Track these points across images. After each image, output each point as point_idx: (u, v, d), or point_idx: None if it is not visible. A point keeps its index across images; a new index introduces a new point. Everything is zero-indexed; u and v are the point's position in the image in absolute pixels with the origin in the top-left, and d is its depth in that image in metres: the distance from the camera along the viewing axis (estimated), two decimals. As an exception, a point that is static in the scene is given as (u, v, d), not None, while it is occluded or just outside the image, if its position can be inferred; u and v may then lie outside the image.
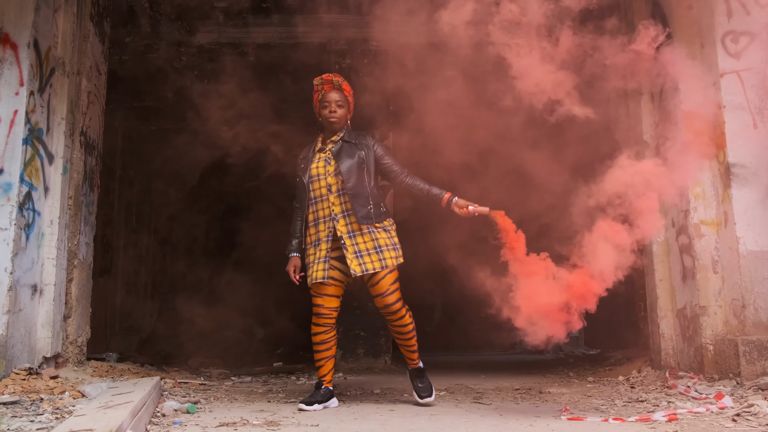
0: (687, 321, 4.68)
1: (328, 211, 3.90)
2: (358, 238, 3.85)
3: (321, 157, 3.99)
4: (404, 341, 4.00)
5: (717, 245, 4.51)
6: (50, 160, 4.67)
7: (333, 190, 3.90)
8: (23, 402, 3.59)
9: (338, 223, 3.86)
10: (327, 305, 3.88)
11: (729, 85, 4.45)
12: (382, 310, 3.91)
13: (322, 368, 3.93)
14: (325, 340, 3.91)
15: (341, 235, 3.84)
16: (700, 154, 4.49)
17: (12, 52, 4.36)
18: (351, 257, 3.81)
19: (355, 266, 3.79)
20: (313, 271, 3.88)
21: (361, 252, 3.82)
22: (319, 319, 3.90)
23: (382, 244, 3.87)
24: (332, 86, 4.03)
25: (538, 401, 4.16)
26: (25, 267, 4.32)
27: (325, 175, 3.92)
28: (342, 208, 3.88)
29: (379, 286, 3.84)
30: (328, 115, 3.98)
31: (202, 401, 4.03)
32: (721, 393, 3.69)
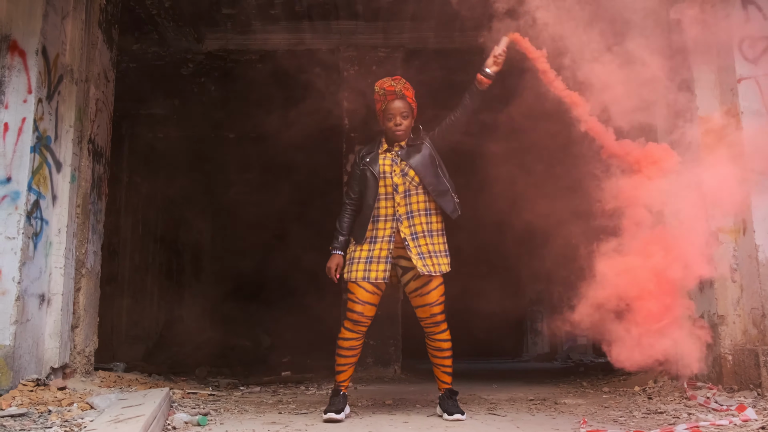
0: (705, 330, 4.59)
1: (392, 210, 3.81)
2: (421, 240, 3.78)
3: (388, 156, 3.90)
4: (440, 359, 3.90)
5: (735, 253, 4.44)
6: (58, 168, 4.62)
7: (399, 191, 3.82)
8: (31, 414, 3.53)
9: (401, 224, 3.78)
10: (367, 313, 3.78)
11: (746, 90, 4.38)
12: (427, 320, 3.83)
13: (344, 374, 3.83)
14: (354, 347, 3.82)
15: (404, 236, 3.77)
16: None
17: (20, 59, 4.32)
18: (416, 258, 3.73)
19: (421, 266, 3.72)
20: (371, 270, 3.77)
21: (424, 254, 3.75)
22: (355, 325, 3.79)
23: (438, 250, 3.81)
24: (395, 96, 3.85)
25: (554, 412, 4.08)
26: (32, 276, 4.27)
27: (391, 174, 3.83)
28: (406, 210, 3.81)
29: (429, 295, 3.78)
30: (394, 128, 3.86)
31: (212, 413, 3.97)
32: (743, 404, 3.61)
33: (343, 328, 3.83)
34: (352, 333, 3.79)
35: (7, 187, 4.17)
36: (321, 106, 7.83)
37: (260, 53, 7.59)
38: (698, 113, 4.59)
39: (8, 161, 4.20)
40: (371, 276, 3.75)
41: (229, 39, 7.48)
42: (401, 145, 3.90)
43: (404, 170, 3.83)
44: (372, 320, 3.84)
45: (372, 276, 3.75)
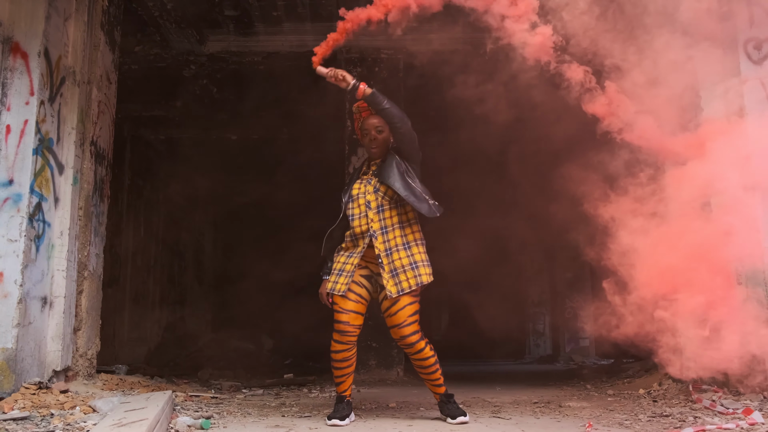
0: (710, 333, 4.57)
1: (366, 227, 3.79)
2: (394, 255, 3.74)
3: (363, 178, 3.90)
4: (427, 375, 3.83)
5: (741, 255, 4.40)
6: (60, 170, 4.61)
7: (372, 207, 3.79)
8: (33, 417, 3.52)
9: (376, 240, 3.75)
10: (353, 323, 3.74)
11: (751, 92, 4.36)
12: (399, 342, 3.76)
13: (343, 384, 3.81)
14: (347, 358, 3.77)
15: (378, 252, 3.74)
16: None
17: (22, 61, 4.30)
18: (387, 277, 3.70)
19: (391, 286, 3.68)
20: (337, 282, 3.79)
21: (397, 270, 3.71)
22: (343, 336, 3.73)
23: (417, 260, 3.76)
24: (369, 111, 3.86)
25: (558, 416, 4.06)
26: (35, 279, 4.26)
27: (364, 194, 3.82)
28: (380, 225, 3.77)
29: (396, 317, 3.69)
30: (369, 144, 3.87)
31: (215, 416, 3.94)
32: (750, 408, 3.59)
33: (332, 340, 3.77)
34: (341, 345, 3.74)
35: (9, 189, 4.15)
36: (324, 108, 7.82)
37: (263, 55, 7.58)
38: (703, 114, 4.56)
39: (10, 163, 4.18)
40: (336, 288, 3.76)
41: (231, 41, 7.47)
42: (377, 163, 3.91)
43: (376, 186, 3.80)
44: (360, 329, 3.78)
45: (337, 288, 3.75)
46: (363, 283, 3.81)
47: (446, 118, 7.76)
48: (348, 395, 3.81)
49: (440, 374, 3.84)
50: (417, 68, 8.00)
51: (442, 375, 3.86)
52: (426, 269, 3.77)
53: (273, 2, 6.82)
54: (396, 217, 3.79)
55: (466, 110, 6.46)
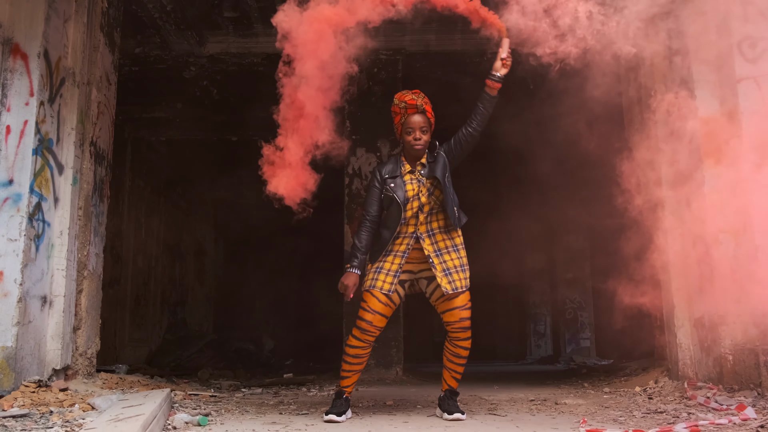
0: (705, 330, 4.60)
1: (413, 229, 3.82)
2: (445, 256, 3.80)
3: (412, 178, 3.86)
4: (457, 365, 3.88)
5: (735, 253, 4.42)
6: (60, 170, 4.64)
7: (424, 210, 3.81)
8: (33, 415, 3.55)
9: (424, 242, 3.80)
10: (376, 324, 3.76)
11: (746, 91, 4.38)
12: (455, 324, 3.78)
13: (348, 380, 3.84)
14: (361, 355, 3.80)
15: (428, 253, 3.78)
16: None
17: (22, 62, 4.34)
18: (441, 275, 3.74)
19: (446, 284, 3.73)
20: (379, 280, 3.78)
21: (449, 270, 3.77)
22: (364, 334, 3.76)
23: (464, 264, 3.83)
24: (416, 110, 3.81)
25: (554, 413, 4.08)
26: (34, 278, 4.29)
27: (418, 196, 3.81)
28: (427, 228, 3.82)
29: (459, 299, 3.76)
30: (414, 143, 3.83)
31: (213, 413, 3.98)
32: (743, 404, 3.61)
33: (351, 335, 3.81)
34: (359, 341, 3.77)
35: (9, 189, 4.19)
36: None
37: (262, 56, 7.61)
38: (698, 114, 4.59)
39: (10, 164, 4.22)
40: (377, 285, 3.76)
41: (230, 42, 7.51)
42: (422, 162, 3.88)
43: (430, 190, 3.82)
44: (381, 331, 3.81)
45: (378, 285, 3.76)
46: (398, 290, 3.83)
47: (443, 118, 7.79)
48: (349, 392, 3.83)
49: (464, 369, 3.91)
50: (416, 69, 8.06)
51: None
52: (468, 273, 3.84)
53: (272, 4, 6.84)
54: (442, 221, 3.86)
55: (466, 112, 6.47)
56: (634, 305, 7.52)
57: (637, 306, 7.18)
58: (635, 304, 7.36)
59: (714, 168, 4.51)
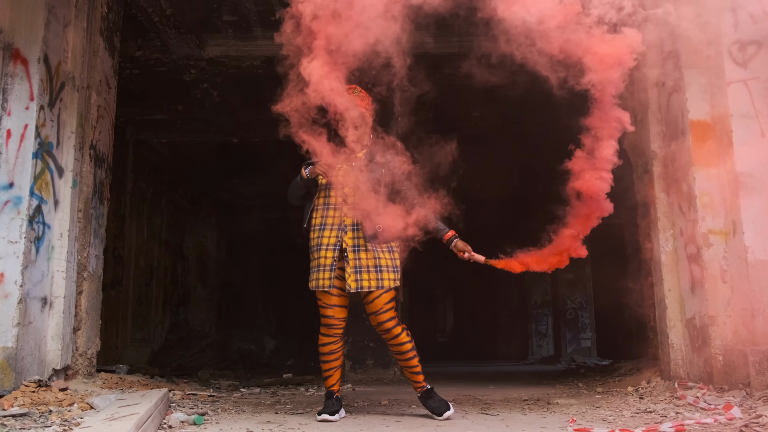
0: (696, 331, 4.65)
1: (338, 220, 3.85)
2: (362, 253, 3.81)
3: (344, 168, 3.91)
4: (404, 362, 3.94)
5: (726, 254, 4.48)
6: (60, 173, 4.72)
7: (348, 201, 3.84)
8: (32, 414, 3.61)
9: (346, 234, 3.82)
10: (337, 316, 3.86)
11: (736, 94, 4.43)
12: (377, 328, 3.88)
13: (331, 378, 3.91)
14: (334, 350, 3.89)
15: (346, 247, 3.81)
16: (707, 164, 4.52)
17: (23, 67, 4.41)
18: (350, 271, 3.78)
19: (351, 282, 3.77)
20: (318, 278, 3.84)
21: (361, 268, 3.78)
22: (329, 329, 3.87)
23: (383, 264, 3.83)
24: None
25: (545, 412, 4.14)
26: (35, 280, 4.36)
27: (343, 185, 3.87)
28: (353, 221, 3.83)
29: (373, 304, 3.82)
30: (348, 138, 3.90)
31: (210, 413, 4.04)
32: (730, 404, 3.65)
33: (320, 334, 3.92)
34: (328, 337, 3.89)
35: (9, 192, 4.26)
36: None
37: (261, 59, 7.66)
38: (689, 116, 4.64)
39: (11, 167, 4.29)
40: (320, 284, 3.82)
41: (230, 45, 7.56)
42: (359, 156, 3.95)
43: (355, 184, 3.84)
44: (346, 322, 3.90)
45: (320, 284, 3.82)
46: (342, 276, 3.85)
47: (438, 119, 7.85)
48: (336, 390, 3.91)
49: (418, 362, 3.91)
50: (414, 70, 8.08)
51: (421, 363, 3.96)
52: (392, 275, 3.85)
53: (270, 7, 6.91)
54: None
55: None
56: (631, 305, 7.57)
57: (634, 306, 7.24)
58: (632, 305, 7.41)
59: (704, 170, 4.57)
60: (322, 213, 3.90)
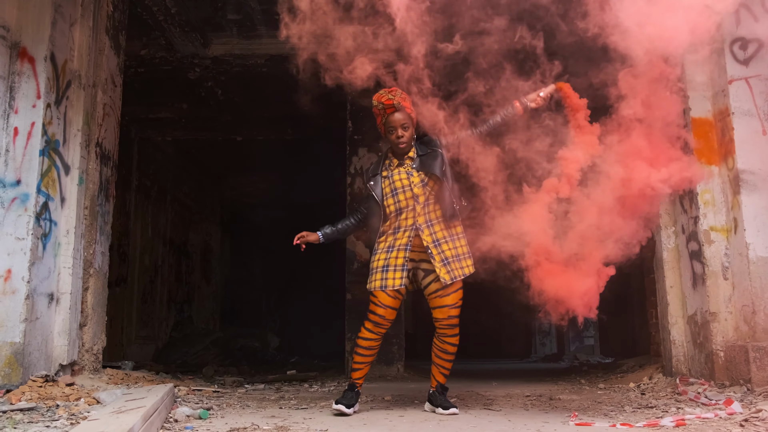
0: (698, 327, 4.68)
1: (411, 221, 3.93)
2: (443, 245, 3.90)
3: (402, 171, 3.99)
4: (443, 360, 4.02)
5: (727, 251, 4.51)
6: (66, 171, 4.76)
7: (420, 201, 3.93)
8: (40, 408, 3.66)
9: (423, 233, 3.90)
10: (388, 317, 3.92)
11: (737, 91, 4.46)
12: (443, 322, 3.94)
13: (360, 371, 3.99)
14: (373, 347, 3.98)
15: (427, 244, 3.88)
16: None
17: (29, 65, 4.46)
18: (439, 265, 3.85)
19: (444, 274, 3.84)
20: (388, 278, 3.89)
21: (448, 259, 3.88)
22: (377, 327, 3.93)
23: (460, 253, 3.93)
24: (394, 108, 3.92)
25: (547, 408, 4.17)
26: (42, 276, 4.41)
27: (410, 186, 3.93)
28: (425, 219, 3.92)
29: (450, 297, 3.90)
30: (396, 141, 3.96)
31: (215, 407, 4.08)
32: (731, 399, 3.68)
33: (363, 328, 3.97)
34: (372, 334, 3.94)
35: (17, 189, 4.31)
36: (326, 109, 7.94)
37: (265, 57, 7.70)
38: (691, 114, 4.67)
39: (18, 164, 4.34)
40: (388, 284, 3.88)
41: (234, 44, 7.60)
42: (411, 156, 4.00)
43: (424, 180, 3.93)
44: (392, 323, 3.99)
45: (389, 284, 3.87)
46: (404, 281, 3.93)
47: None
48: (360, 384, 3.98)
49: (452, 365, 4.05)
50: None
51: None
52: (469, 261, 3.95)
53: (274, 6, 6.94)
54: (439, 212, 3.95)
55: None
56: (634, 303, 7.58)
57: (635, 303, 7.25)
58: (634, 302, 7.43)
59: (706, 167, 4.59)
60: (394, 218, 3.97)
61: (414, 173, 3.95)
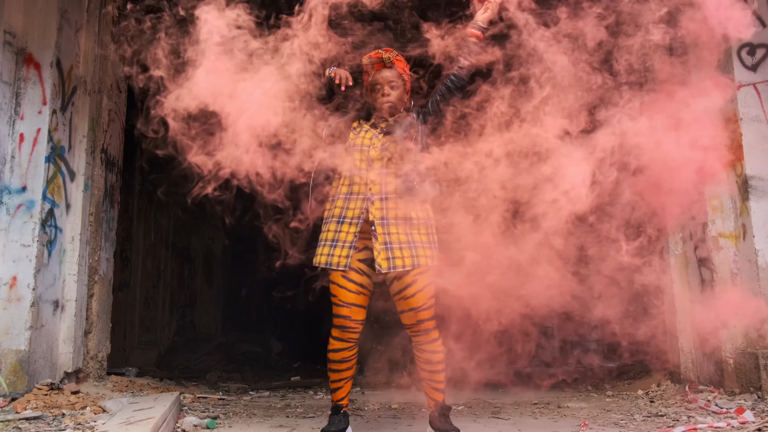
0: (706, 334, 4.64)
1: (364, 189, 3.24)
2: (392, 227, 3.20)
3: (369, 130, 3.34)
4: (430, 373, 3.30)
5: (736, 258, 4.49)
6: (72, 177, 4.74)
7: (375, 167, 3.24)
8: (45, 417, 3.64)
9: (373, 205, 3.22)
10: (354, 317, 3.21)
11: (745, 97, 4.44)
12: (413, 327, 3.24)
13: (341, 390, 3.29)
14: (347, 358, 3.25)
15: (373, 219, 3.20)
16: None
17: (35, 71, 4.44)
18: (379, 248, 3.17)
19: (382, 260, 3.15)
20: (333, 255, 3.23)
21: (392, 244, 3.17)
22: (344, 333, 3.22)
23: (416, 240, 3.20)
24: (383, 64, 3.32)
25: (556, 416, 4.14)
26: (47, 283, 4.39)
27: (369, 147, 3.27)
28: (380, 189, 3.23)
29: (414, 298, 3.18)
30: (381, 100, 3.32)
31: (222, 416, 4.06)
32: (742, 407, 3.66)
33: (330, 338, 3.26)
34: (341, 342, 3.23)
35: (22, 196, 4.29)
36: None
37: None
38: (699, 120, 4.64)
39: (24, 171, 4.32)
40: (333, 261, 3.22)
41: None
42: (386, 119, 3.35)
43: (385, 144, 3.27)
44: (363, 325, 3.25)
45: (334, 261, 3.21)
46: (363, 270, 3.25)
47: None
48: (345, 404, 3.31)
49: (444, 377, 3.33)
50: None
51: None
52: (428, 251, 3.23)
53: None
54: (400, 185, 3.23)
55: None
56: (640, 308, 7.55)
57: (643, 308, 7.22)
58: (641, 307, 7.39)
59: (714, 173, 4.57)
60: (347, 181, 3.30)
61: (380, 136, 3.30)
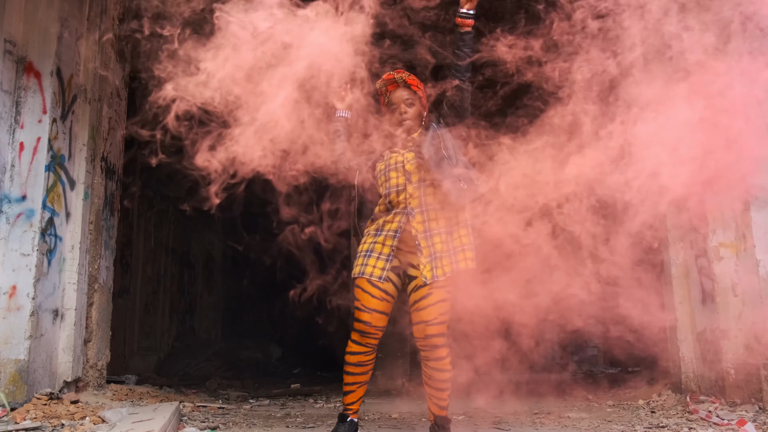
0: (707, 344, 4.64)
1: (403, 204, 3.34)
2: (435, 237, 3.29)
3: (396, 150, 3.45)
4: (435, 390, 3.32)
5: (737, 268, 4.47)
6: (72, 186, 4.74)
7: (413, 180, 3.33)
8: (45, 428, 3.62)
9: (414, 219, 3.30)
10: (375, 324, 3.23)
11: (747, 107, 4.43)
12: (421, 341, 3.26)
13: (352, 395, 3.29)
14: (364, 362, 3.27)
15: (416, 233, 3.29)
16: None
17: (36, 80, 4.43)
18: (425, 261, 3.24)
19: (427, 272, 3.23)
20: (367, 265, 3.30)
21: (435, 254, 3.25)
22: (364, 337, 3.25)
23: (457, 245, 3.31)
24: (396, 84, 3.46)
25: (557, 426, 4.13)
26: (47, 292, 4.37)
27: (403, 163, 3.37)
28: (419, 202, 3.31)
29: (426, 311, 3.22)
30: (400, 117, 3.44)
31: (221, 426, 4.04)
32: (744, 419, 3.65)
33: (350, 341, 3.30)
34: (359, 346, 3.26)
35: (22, 205, 4.28)
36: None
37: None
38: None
39: (23, 180, 4.31)
40: (366, 271, 3.28)
41: (238, 56, 7.59)
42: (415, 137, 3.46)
43: (417, 160, 3.35)
44: (383, 332, 3.29)
45: (368, 272, 3.27)
46: (391, 278, 3.32)
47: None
48: (354, 412, 3.31)
49: (448, 395, 3.34)
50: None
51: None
52: (470, 253, 3.29)
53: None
54: (439, 195, 3.31)
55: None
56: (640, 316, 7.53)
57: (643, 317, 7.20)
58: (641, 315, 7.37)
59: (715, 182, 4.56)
60: (386, 199, 3.41)
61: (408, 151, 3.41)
